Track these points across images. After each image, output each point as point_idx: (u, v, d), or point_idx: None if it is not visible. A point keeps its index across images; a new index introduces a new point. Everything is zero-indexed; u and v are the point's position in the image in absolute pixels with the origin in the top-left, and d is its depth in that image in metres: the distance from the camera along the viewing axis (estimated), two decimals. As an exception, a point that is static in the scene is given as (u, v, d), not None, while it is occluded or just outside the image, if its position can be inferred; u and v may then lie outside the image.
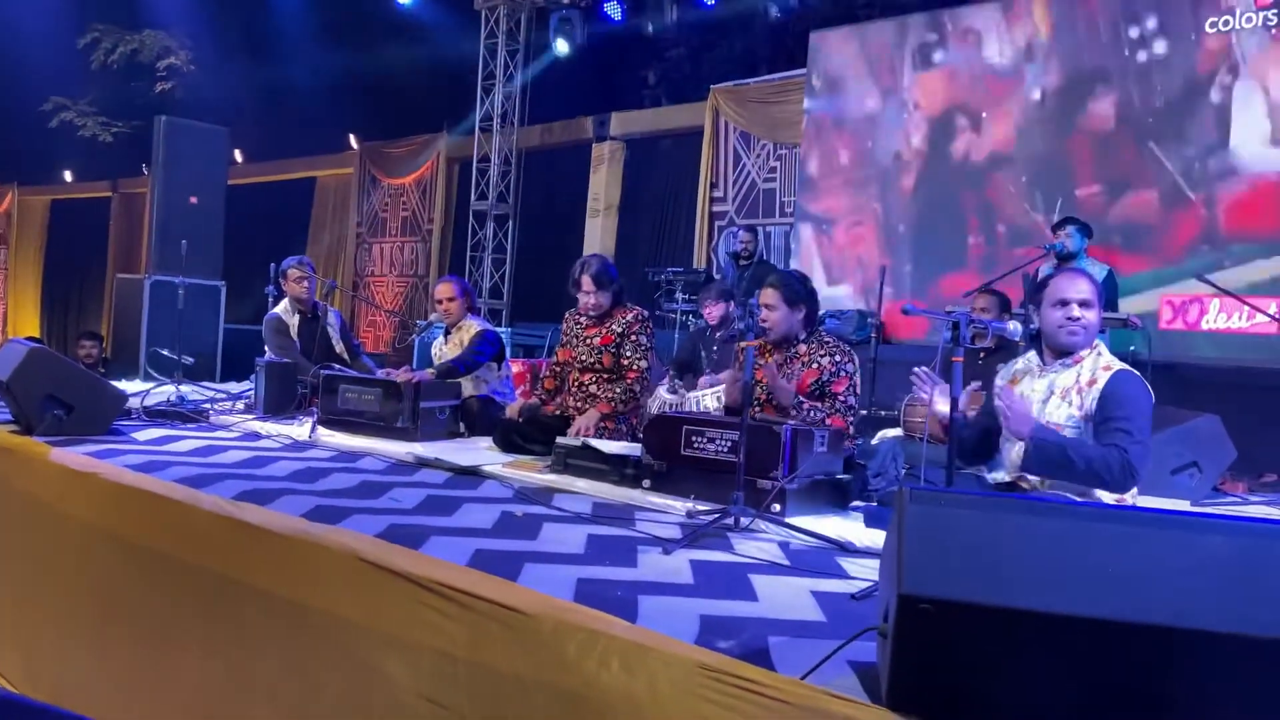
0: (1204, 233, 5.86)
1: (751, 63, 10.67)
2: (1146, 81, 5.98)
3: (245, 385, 6.80)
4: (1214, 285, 5.66)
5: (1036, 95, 6.98)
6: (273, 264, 6.48)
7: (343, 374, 5.19)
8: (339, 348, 6.04)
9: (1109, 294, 5.85)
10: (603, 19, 10.23)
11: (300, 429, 4.88)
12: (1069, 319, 3.00)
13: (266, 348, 5.94)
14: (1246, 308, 6.37)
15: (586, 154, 11.57)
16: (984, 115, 7.43)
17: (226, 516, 2.96)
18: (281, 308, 6.04)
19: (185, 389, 5.90)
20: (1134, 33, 5.87)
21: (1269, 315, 6.23)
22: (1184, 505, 4.51)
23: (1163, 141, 5.84)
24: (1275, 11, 5.37)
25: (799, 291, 3.85)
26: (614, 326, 4.55)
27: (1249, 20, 5.43)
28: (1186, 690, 1.53)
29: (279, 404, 5.31)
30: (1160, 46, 5.82)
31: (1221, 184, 5.74)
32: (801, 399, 3.73)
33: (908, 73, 8.00)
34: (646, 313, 4.65)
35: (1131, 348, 5.80)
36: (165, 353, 6.84)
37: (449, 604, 2.33)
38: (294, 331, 5.95)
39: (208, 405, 5.56)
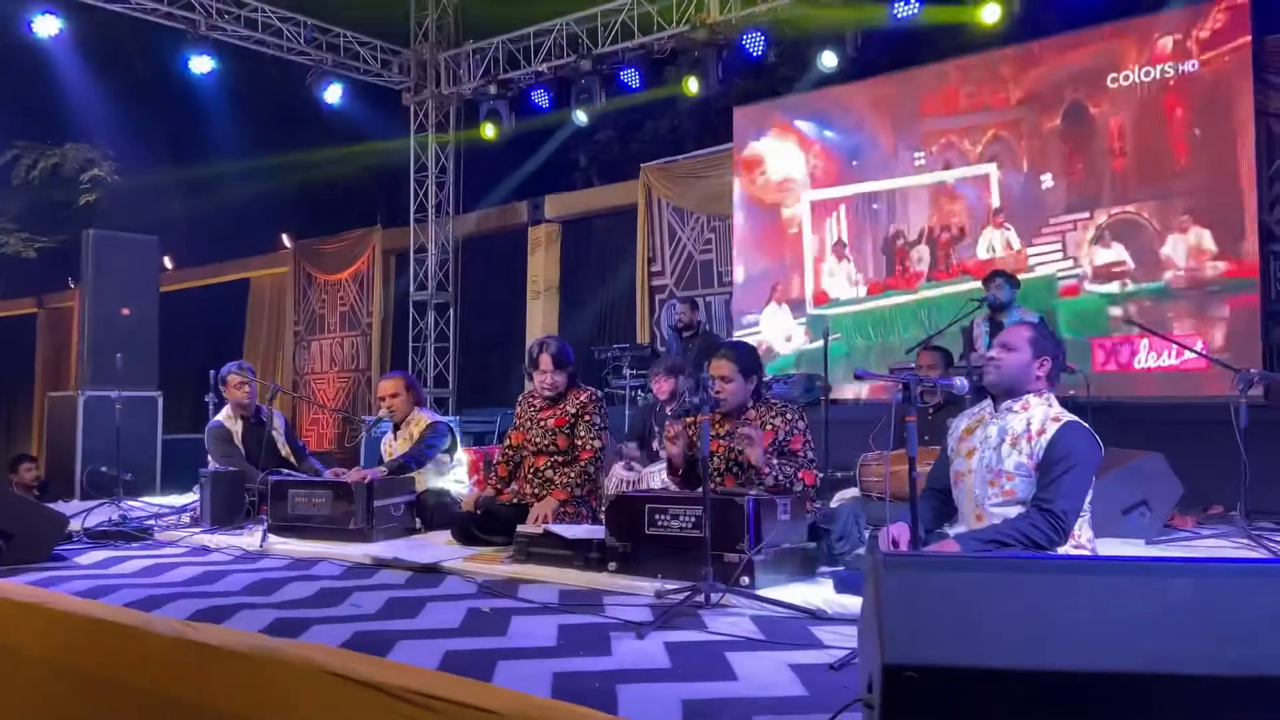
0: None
1: (678, 140, 10.95)
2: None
3: (188, 498, 6.61)
4: (1140, 325, 5.88)
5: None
6: (212, 371, 6.38)
7: (291, 478, 5.08)
8: (285, 451, 5.91)
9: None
10: (531, 106, 10.44)
11: (250, 539, 4.74)
12: (987, 358, 3.20)
13: (210, 457, 5.79)
14: (1174, 345, 6.61)
15: (523, 238, 11.67)
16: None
17: (181, 638, 2.85)
18: (224, 415, 5.92)
19: (128, 506, 5.71)
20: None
21: (1195, 351, 6.48)
22: (1139, 544, 4.60)
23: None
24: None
25: (752, 362, 3.89)
26: (568, 408, 4.53)
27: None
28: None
29: (227, 514, 5.17)
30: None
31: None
32: (770, 456, 3.75)
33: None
34: (600, 393, 4.64)
35: (1071, 391, 5.95)
36: (105, 470, 6.62)
37: (423, 711, 2.26)
38: (238, 438, 5.83)
39: (152, 522, 5.38)
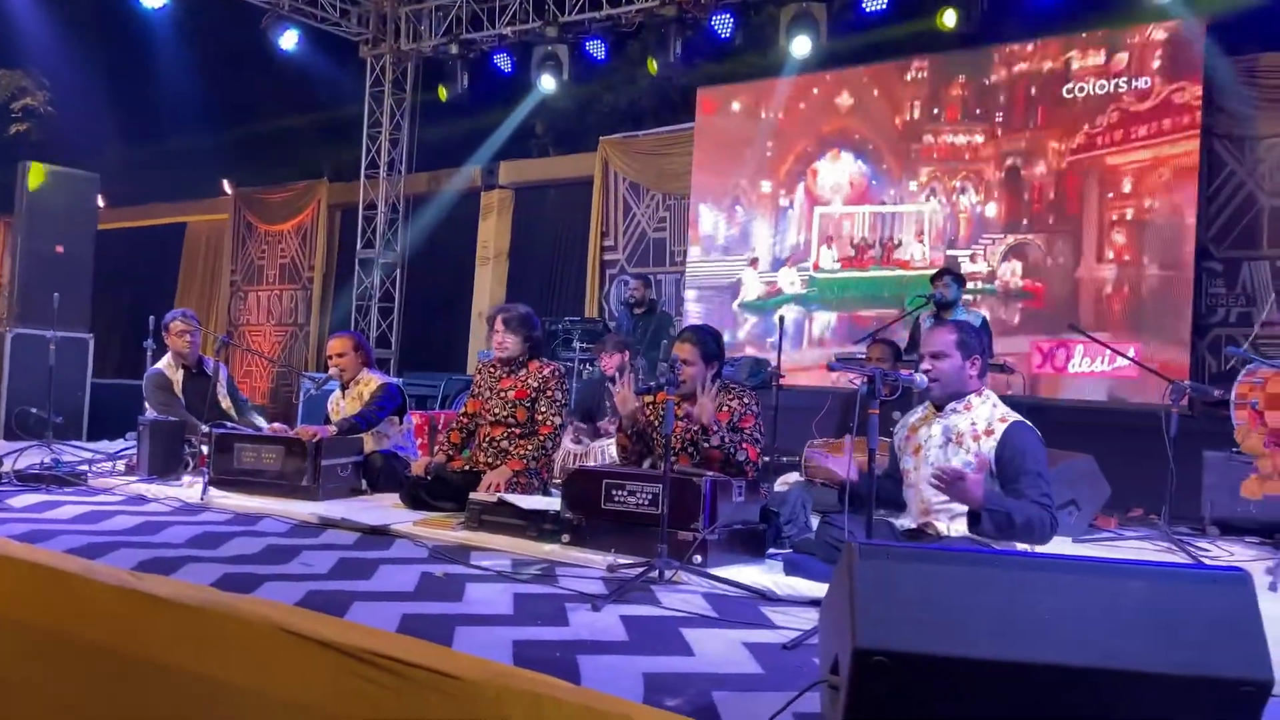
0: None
1: (638, 115, 10.90)
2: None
3: (119, 444, 6.46)
4: (1082, 331, 6.09)
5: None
6: (151, 316, 6.22)
7: (237, 432, 5.00)
8: (226, 403, 5.81)
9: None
10: (492, 69, 10.29)
11: (190, 490, 4.66)
12: (923, 370, 3.26)
13: (148, 405, 5.66)
14: (1109, 351, 6.85)
15: (475, 202, 11.53)
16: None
17: (128, 589, 2.80)
18: (164, 363, 5.78)
19: (59, 449, 5.57)
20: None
21: (1128, 358, 6.72)
22: (1065, 542, 4.79)
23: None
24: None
25: (714, 349, 3.93)
26: (530, 381, 4.52)
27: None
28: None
29: (165, 465, 5.07)
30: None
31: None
32: (720, 424, 3.81)
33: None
34: (562, 369, 4.64)
35: (1010, 391, 6.14)
36: (35, 411, 6.43)
37: (382, 673, 2.27)
38: (178, 387, 5.70)
39: (85, 467, 5.25)
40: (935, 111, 7.87)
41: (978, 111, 7.70)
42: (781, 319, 6.06)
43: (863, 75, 8.60)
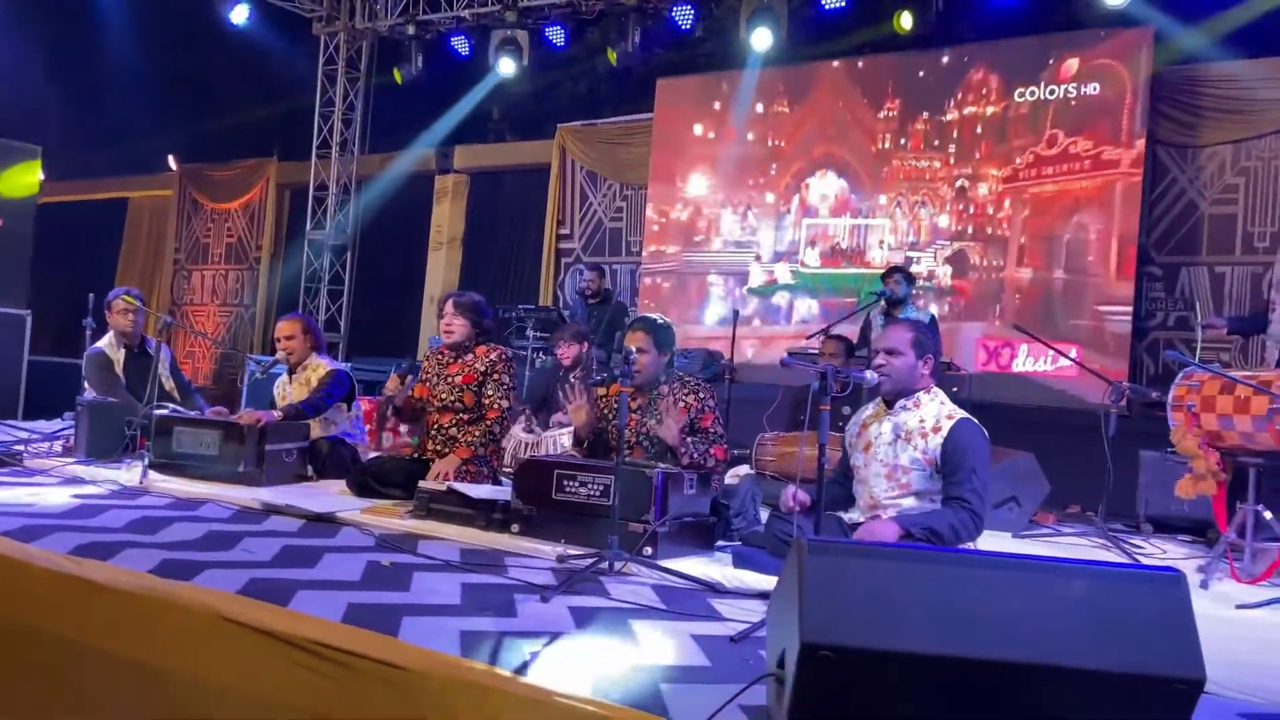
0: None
1: (595, 103, 10.84)
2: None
3: (56, 424, 6.29)
4: (1026, 332, 6.21)
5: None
6: (91, 294, 6.06)
7: (178, 415, 4.89)
8: (169, 385, 5.68)
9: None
10: (448, 51, 10.17)
11: (129, 474, 4.55)
12: (876, 366, 3.32)
13: (87, 385, 5.51)
14: (1051, 352, 7.00)
15: (429, 186, 11.39)
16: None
17: (65, 573, 2.74)
18: (105, 342, 5.64)
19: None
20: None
21: (1070, 359, 6.88)
22: (1006, 538, 4.89)
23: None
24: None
25: (665, 337, 3.94)
26: (477, 365, 4.48)
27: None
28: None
29: (103, 447, 4.94)
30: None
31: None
32: (684, 435, 3.82)
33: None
34: (510, 353, 4.60)
35: (954, 389, 6.23)
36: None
37: (325, 663, 2.25)
38: (119, 367, 5.56)
39: (20, 447, 5.10)
40: (903, 142, 9.00)
41: (935, 143, 8.78)
42: (736, 313, 6.10)
43: (842, 110, 9.02)
